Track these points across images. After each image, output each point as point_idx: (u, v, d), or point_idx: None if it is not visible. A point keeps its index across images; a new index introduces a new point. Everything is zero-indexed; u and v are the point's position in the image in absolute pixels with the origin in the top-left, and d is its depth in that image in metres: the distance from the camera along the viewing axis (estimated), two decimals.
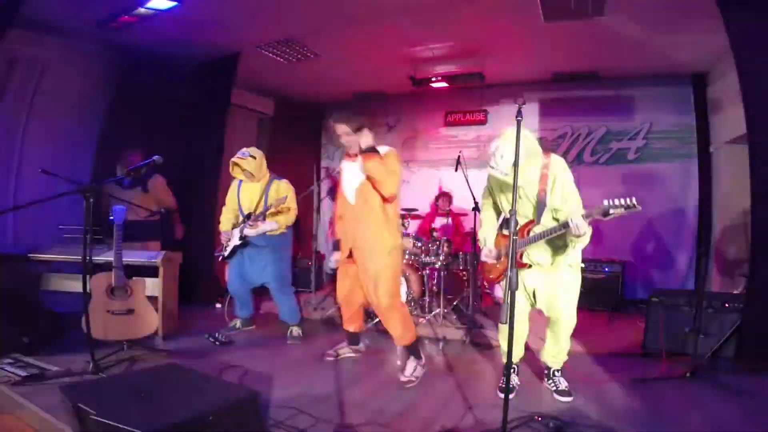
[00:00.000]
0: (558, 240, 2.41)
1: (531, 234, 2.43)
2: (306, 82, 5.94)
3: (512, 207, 1.89)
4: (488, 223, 2.73)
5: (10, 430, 2.21)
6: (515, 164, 1.90)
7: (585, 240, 2.29)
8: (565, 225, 2.23)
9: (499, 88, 5.82)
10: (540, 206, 2.42)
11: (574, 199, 2.40)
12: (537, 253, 2.50)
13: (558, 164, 2.45)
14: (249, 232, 3.55)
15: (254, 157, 3.55)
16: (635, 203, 2.10)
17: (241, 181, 3.70)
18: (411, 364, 2.87)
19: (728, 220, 4.53)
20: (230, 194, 3.79)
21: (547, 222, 2.43)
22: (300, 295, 4.56)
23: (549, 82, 5.68)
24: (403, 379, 2.78)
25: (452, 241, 4.90)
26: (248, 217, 3.57)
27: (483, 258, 2.68)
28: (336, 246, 3.12)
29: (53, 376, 2.60)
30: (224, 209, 3.82)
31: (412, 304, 4.32)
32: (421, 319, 4.04)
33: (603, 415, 2.34)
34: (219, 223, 3.86)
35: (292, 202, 3.64)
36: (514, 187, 1.89)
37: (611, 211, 2.13)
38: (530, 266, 2.51)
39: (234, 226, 3.70)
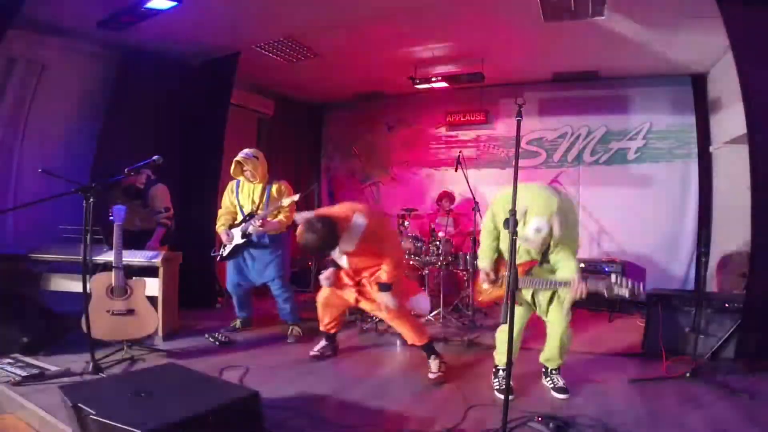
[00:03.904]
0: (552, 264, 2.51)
1: (529, 276, 2.49)
2: (306, 82, 5.94)
3: (512, 206, 1.89)
4: (488, 250, 2.71)
5: (10, 430, 2.21)
6: (515, 163, 1.91)
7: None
8: (566, 283, 2.33)
9: (499, 88, 5.82)
10: (545, 248, 2.45)
11: (572, 247, 2.47)
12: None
13: (566, 206, 2.45)
14: (254, 230, 3.56)
15: (257, 158, 3.58)
16: (639, 291, 2.19)
17: (238, 181, 3.72)
18: (434, 362, 2.93)
19: (728, 220, 4.53)
20: (227, 195, 3.79)
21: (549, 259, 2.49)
22: (300, 295, 4.56)
23: (549, 82, 5.68)
24: (431, 376, 2.84)
25: (453, 241, 4.90)
26: (251, 216, 3.58)
27: (480, 281, 2.73)
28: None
29: (53, 376, 2.60)
30: (221, 210, 3.83)
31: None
32: (421, 319, 4.03)
33: (603, 415, 2.34)
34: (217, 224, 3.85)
35: (291, 204, 3.65)
36: (515, 186, 1.90)
37: (615, 290, 2.26)
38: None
39: (231, 226, 3.71)
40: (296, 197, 3.55)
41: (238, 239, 3.62)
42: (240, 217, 3.70)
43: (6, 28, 3.24)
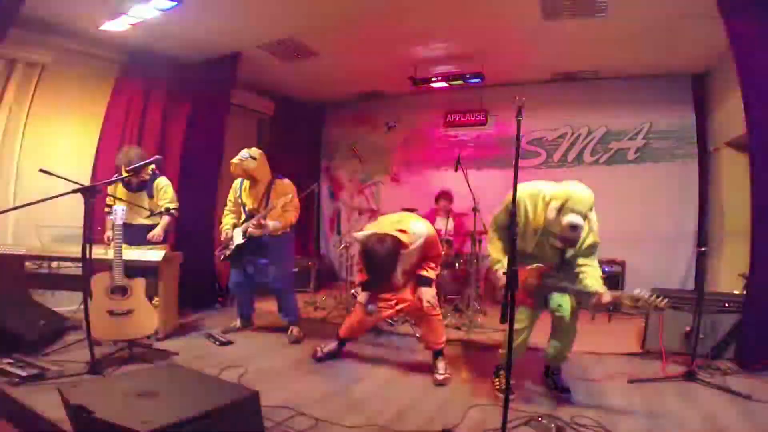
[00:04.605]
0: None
1: (547, 281, 2.47)
2: (306, 82, 5.94)
3: (513, 206, 1.89)
4: (504, 250, 2.67)
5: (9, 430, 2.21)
6: (515, 163, 1.91)
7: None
8: (591, 294, 2.31)
9: (499, 88, 5.81)
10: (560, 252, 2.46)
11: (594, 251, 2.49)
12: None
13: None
14: (254, 232, 3.55)
15: (254, 158, 3.57)
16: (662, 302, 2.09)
17: (243, 179, 3.71)
18: (441, 363, 2.95)
19: (728, 220, 4.53)
20: (232, 193, 3.79)
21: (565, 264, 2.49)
22: (300, 295, 4.55)
23: (549, 82, 5.68)
24: (439, 377, 2.85)
25: (453, 241, 4.90)
26: (251, 216, 3.58)
27: (498, 282, 2.62)
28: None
29: (53, 376, 2.60)
30: (226, 209, 3.82)
31: None
32: None
33: (603, 415, 2.34)
34: (220, 223, 3.86)
35: (294, 201, 3.65)
36: (515, 186, 1.90)
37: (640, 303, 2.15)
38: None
39: (235, 226, 3.70)
40: (288, 197, 3.52)
41: (239, 239, 3.61)
42: (243, 216, 3.69)
43: (7, 28, 3.24)
